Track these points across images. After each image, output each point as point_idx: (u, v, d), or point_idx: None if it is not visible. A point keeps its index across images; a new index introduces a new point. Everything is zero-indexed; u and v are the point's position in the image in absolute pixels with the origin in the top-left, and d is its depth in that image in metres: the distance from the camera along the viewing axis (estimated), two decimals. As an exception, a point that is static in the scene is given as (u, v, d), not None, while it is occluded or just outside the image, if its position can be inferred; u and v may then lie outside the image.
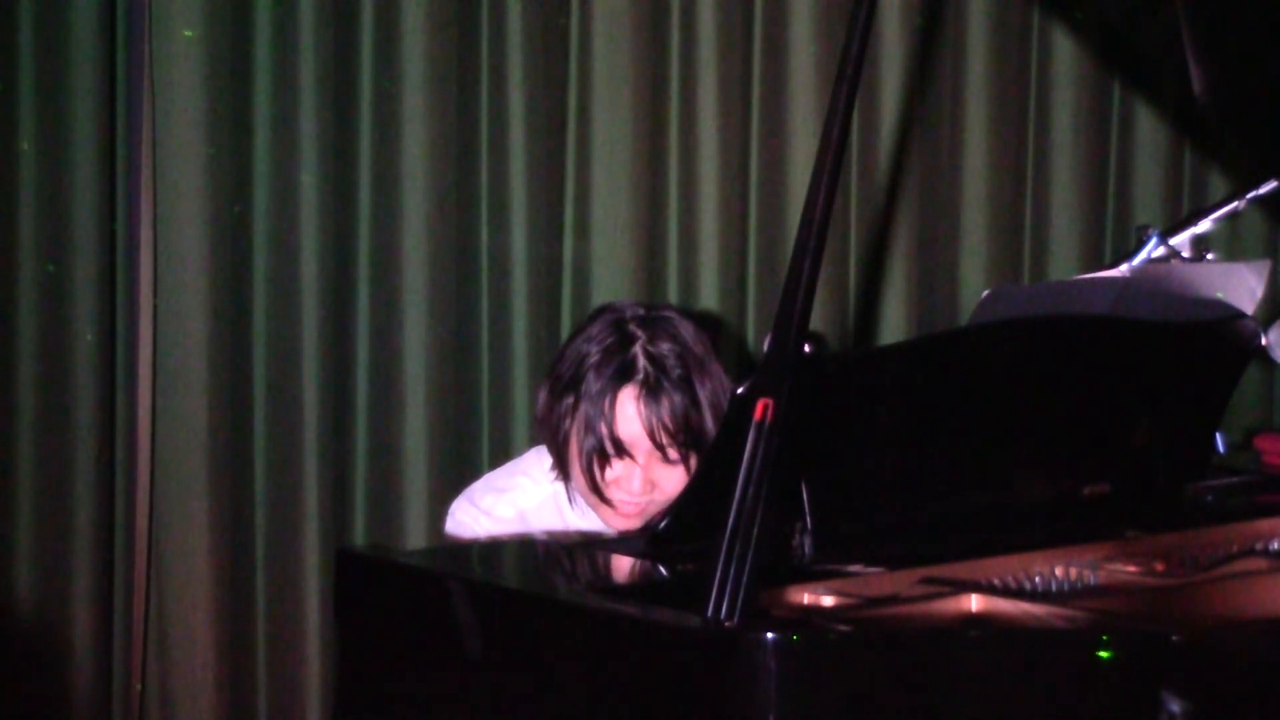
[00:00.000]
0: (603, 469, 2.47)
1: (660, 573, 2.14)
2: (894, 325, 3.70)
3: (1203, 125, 3.71)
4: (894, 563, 2.13)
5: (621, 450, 2.46)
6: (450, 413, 3.32)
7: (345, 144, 3.24)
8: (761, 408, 1.87)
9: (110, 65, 3.10)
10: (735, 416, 2.07)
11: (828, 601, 2.02)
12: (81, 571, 3.09)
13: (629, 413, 2.45)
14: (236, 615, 3.21)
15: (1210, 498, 2.58)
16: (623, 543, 2.32)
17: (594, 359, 2.48)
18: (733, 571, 1.80)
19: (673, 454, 2.47)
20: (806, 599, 2.03)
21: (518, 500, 2.59)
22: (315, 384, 3.22)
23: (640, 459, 2.47)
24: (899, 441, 2.26)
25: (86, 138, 3.06)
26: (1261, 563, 2.27)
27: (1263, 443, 2.89)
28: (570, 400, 2.48)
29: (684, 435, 2.46)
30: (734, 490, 1.84)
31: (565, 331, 3.33)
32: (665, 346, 2.48)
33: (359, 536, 3.29)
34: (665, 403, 2.45)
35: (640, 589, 2.03)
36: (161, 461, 3.16)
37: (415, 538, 3.27)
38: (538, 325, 3.35)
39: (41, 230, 3.05)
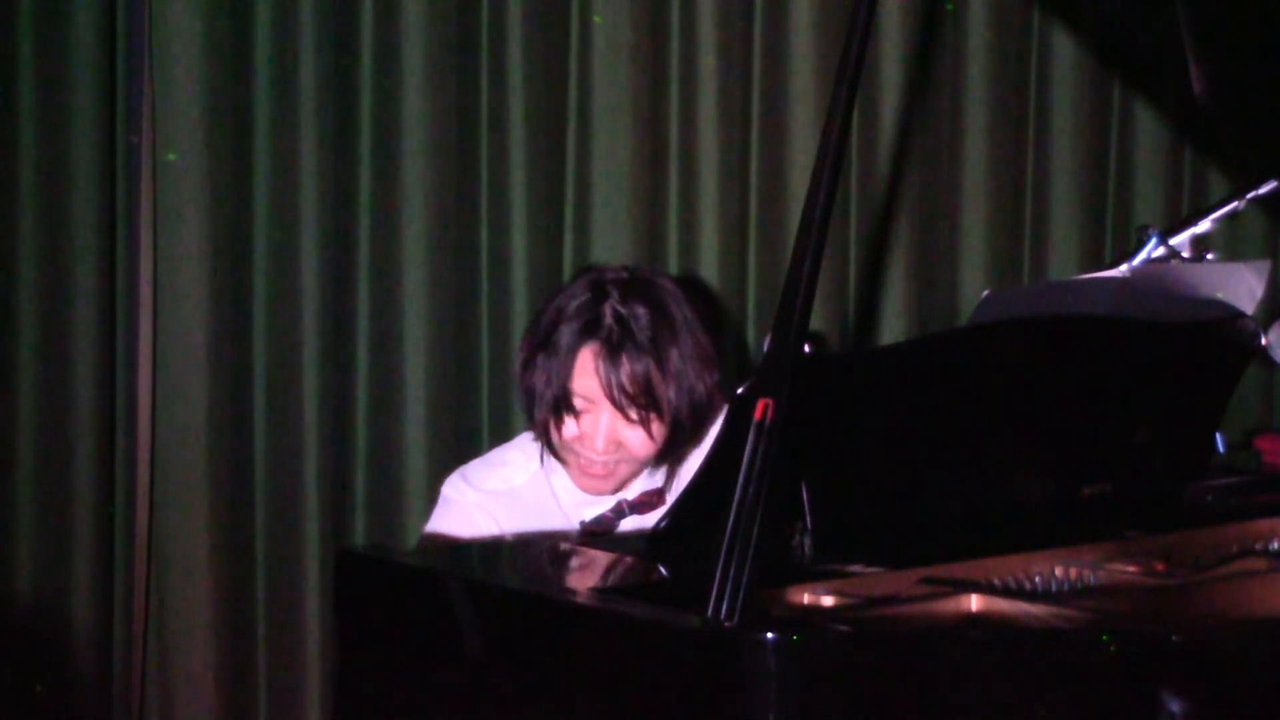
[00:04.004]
0: (561, 425, 2.49)
1: (660, 573, 2.14)
2: (894, 325, 3.69)
3: (1203, 125, 3.71)
4: (894, 563, 2.13)
5: (578, 407, 2.48)
6: (450, 413, 3.32)
7: (345, 144, 3.24)
8: (761, 408, 1.87)
9: (110, 65, 3.10)
10: (735, 416, 2.07)
11: (828, 601, 2.02)
12: (81, 571, 3.09)
13: (588, 370, 2.47)
14: (236, 615, 3.21)
15: (1210, 498, 2.58)
16: (623, 543, 2.32)
17: (565, 315, 2.50)
18: (732, 571, 1.80)
19: (632, 414, 2.47)
20: (806, 599, 2.03)
21: (510, 476, 2.61)
22: (315, 384, 3.22)
23: (601, 417, 2.49)
24: (899, 441, 2.26)
25: (86, 138, 3.06)
26: (1261, 563, 2.27)
27: (1263, 443, 2.90)
28: (540, 356, 2.50)
29: (643, 398, 2.47)
30: (734, 490, 1.84)
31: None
32: (638, 309, 2.49)
33: (359, 536, 3.29)
34: (625, 363, 2.46)
35: (640, 589, 2.03)
36: (161, 461, 3.16)
37: (415, 538, 3.26)
38: (537, 325, 3.35)
39: (41, 230, 3.05)
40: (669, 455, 2.57)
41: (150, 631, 3.18)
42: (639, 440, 2.51)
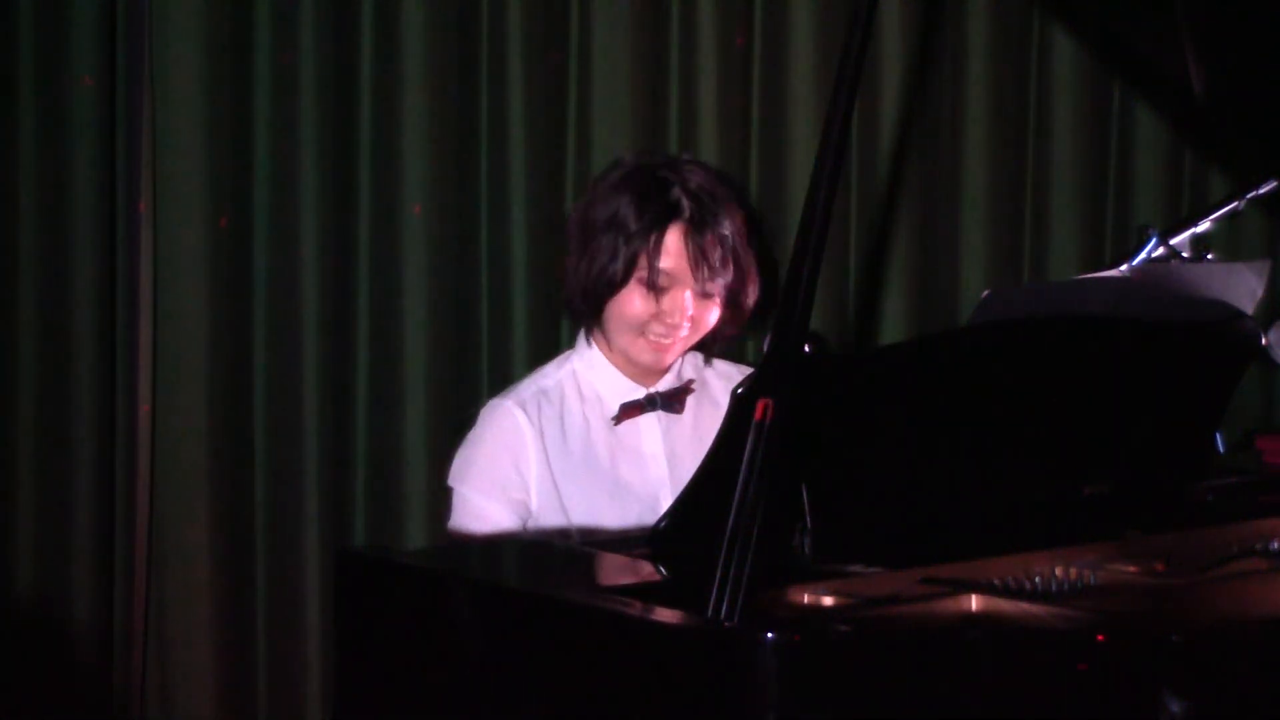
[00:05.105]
0: (639, 302, 2.67)
1: (660, 573, 2.14)
2: (894, 325, 3.69)
3: (1203, 125, 3.71)
4: (894, 563, 2.13)
5: (662, 284, 2.66)
6: (450, 413, 3.32)
7: (345, 144, 3.24)
8: (761, 408, 1.87)
9: (110, 65, 3.09)
10: (735, 416, 2.07)
11: (828, 601, 2.02)
12: (81, 571, 3.09)
13: (675, 248, 2.65)
14: (236, 615, 3.21)
15: (1210, 498, 2.58)
16: (623, 543, 2.33)
17: (631, 203, 2.67)
18: (732, 571, 1.80)
19: (711, 287, 2.67)
20: (806, 599, 2.03)
21: (537, 381, 2.83)
22: (315, 384, 3.22)
23: (684, 294, 2.67)
24: (899, 441, 2.26)
25: (86, 137, 3.06)
26: (1261, 563, 2.27)
27: (1263, 443, 2.90)
28: (605, 238, 2.67)
29: (722, 274, 2.67)
30: (734, 490, 1.84)
31: (565, 331, 3.33)
32: (696, 181, 2.68)
33: (359, 536, 3.29)
34: (709, 237, 2.66)
35: (640, 589, 2.03)
36: (161, 461, 3.16)
37: (415, 538, 3.27)
38: (538, 325, 3.35)
39: (41, 230, 3.05)
40: (720, 333, 2.78)
41: (150, 631, 3.18)
42: (711, 315, 2.71)
